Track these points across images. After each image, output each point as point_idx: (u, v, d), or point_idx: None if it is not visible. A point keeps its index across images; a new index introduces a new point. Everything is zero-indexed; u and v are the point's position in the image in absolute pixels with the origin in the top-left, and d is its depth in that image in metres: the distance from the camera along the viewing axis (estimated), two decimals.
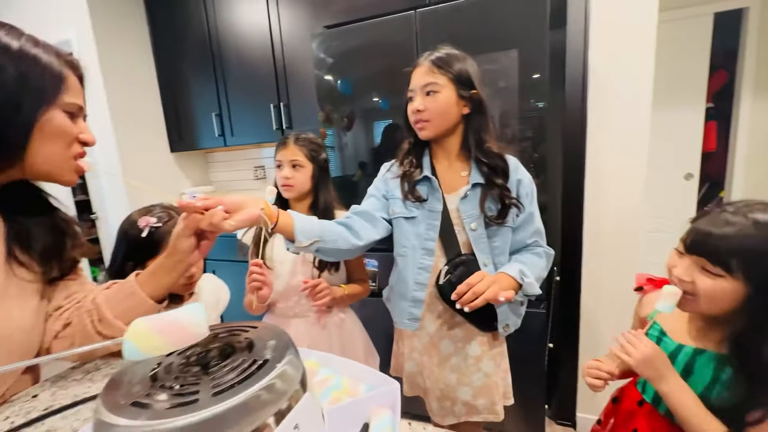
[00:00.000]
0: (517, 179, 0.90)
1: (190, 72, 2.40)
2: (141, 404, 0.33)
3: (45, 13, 2.31)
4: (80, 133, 0.61)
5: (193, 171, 2.79)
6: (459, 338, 0.95)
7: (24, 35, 0.57)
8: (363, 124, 1.67)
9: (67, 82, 0.58)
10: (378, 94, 1.59)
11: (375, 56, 1.53)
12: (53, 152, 0.58)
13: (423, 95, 0.86)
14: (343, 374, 0.53)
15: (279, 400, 0.35)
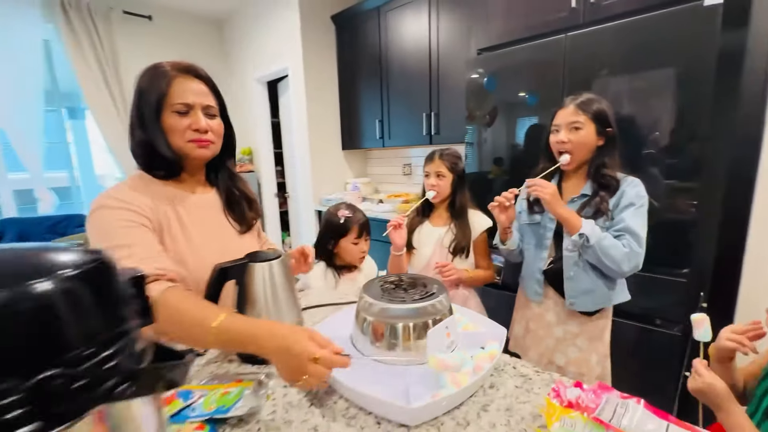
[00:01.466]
0: (621, 191, 1.06)
1: (362, 85, 2.99)
2: (383, 297, 0.68)
3: (272, 48, 3.23)
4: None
5: (355, 165, 3.45)
6: (562, 315, 1.16)
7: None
8: (505, 120, 1.82)
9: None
10: (524, 88, 1.70)
11: (523, 76, 1.70)
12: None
13: (567, 130, 1.08)
14: (469, 319, 0.81)
15: (437, 313, 0.66)
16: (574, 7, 1.53)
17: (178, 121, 0.76)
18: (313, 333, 0.57)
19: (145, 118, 0.76)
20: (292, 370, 0.54)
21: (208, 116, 0.80)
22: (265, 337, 0.56)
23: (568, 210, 1.06)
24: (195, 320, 0.58)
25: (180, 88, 0.77)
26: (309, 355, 0.53)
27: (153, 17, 3.23)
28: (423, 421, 0.54)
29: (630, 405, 0.46)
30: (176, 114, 0.76)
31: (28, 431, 0.17)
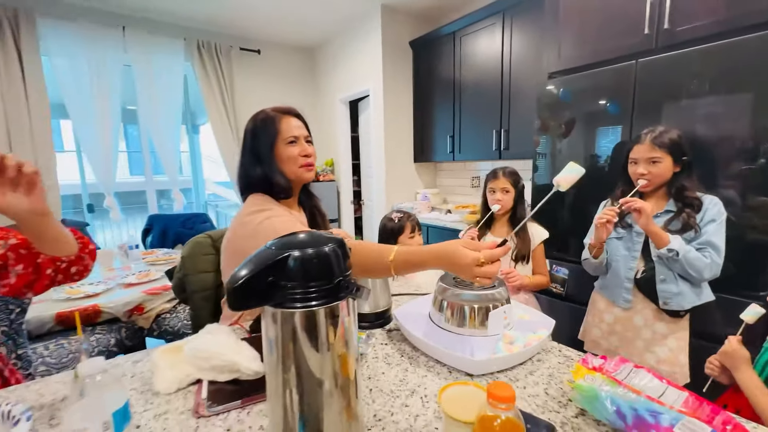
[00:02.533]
0: (704, 209, 1.21)
1: (435, 103, 3.23)
2: (452, 284, 0.91)
3: (355, 72, 3.64)
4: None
5: (425, 177, 3.69)
6: (650, 318, 1.29)
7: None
8: (584, 127, 1.86)
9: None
10: (605, 95, 1.74)
11: (591, 100, 1.78)
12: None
13: (646, 163, 1.24)
14: (525, 311, 0.99)
15: (497, 301, 0.86)
16: (647, 33, 1.60)
17: (290, 150, 1.00)
18: (465, 242, 0.67)
19: (261, 154, 1.00)
20: (465, 275, 0.66)
21: (308, 144, 1.05)
22: (431, 261, 0.69)
23: (657, 226, 1.20)
24: (375, 258, 0.73)
25: (287, 125, 1.01)
26: (473, 262, 0.63)
27: (261, 51, 3.85)
28: (482, 372, 0.75)
29: (641, 371, 0.62)
30: (289, 145, 1.00)
31: (321, 303, 0.44)
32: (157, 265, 2.23)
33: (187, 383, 0.72)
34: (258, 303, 0.42)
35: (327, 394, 0.46)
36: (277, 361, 0.46)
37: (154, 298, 1.80)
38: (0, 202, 0.64)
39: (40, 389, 0.73)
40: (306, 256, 0.43)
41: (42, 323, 1.54)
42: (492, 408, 0.45)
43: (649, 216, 1.18)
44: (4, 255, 0.76)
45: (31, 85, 2.77)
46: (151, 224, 3.06)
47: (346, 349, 0.48)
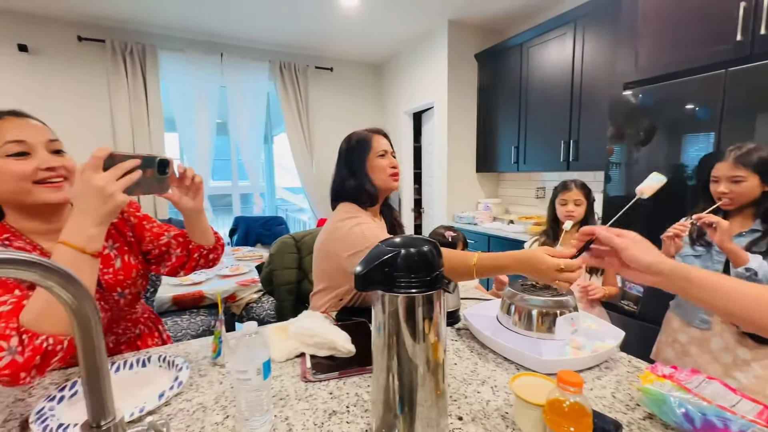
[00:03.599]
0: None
1: (500, 114, 3.24)
2: (525, 290, 0.98)
3: (420, 85, 3.78)
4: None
5: (487, 186, 3.69)
6: (731, 342, 1.22)
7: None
8: (666, 136, 1.78)
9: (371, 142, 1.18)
10: (693, 100, 1.64)
11: (674, 108, 1.71)
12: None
13: (728, 182, 1.20)
14: (594, 321, 1.02)
15: (564, 307, 0.92)
16: (739, 40, 1.51)
17: (381, 162, 1.19)
18: (545, 248, 0.77)
19: (356, 167, 1.18)
20: (546, 279, 0.77)
21: (393, 158, 1.24)
22: (513, 265, 0.81)
23: (734, 244, 1.16)
24: (459, 261, 0.88)
25: (377, 142, 1.20)
26: (554, 267, 0.73)
27: (333, 68, 4.17)
28: (549, 371, 0.81)
29: (713, 383, 0.64)
30: (379, 157, 1.19)
31: (418, 291, 0.56)
32: (244, 260, 2.55)
33: (294, 355, 0.89)
34: (375, 287, 0.55)
35: (421, 372, 0.58)
36: (383, 341, 0.58)
37: (245, 289, 2.08)
38: (178, 201, 0.88)
39: (186, 349, 0.95)
40: (410, 253, 0.55)
41: (162, 303, 1.88)
42: (561, 392, 0.53)
43: (725, 232, 1.13)
44: (168, 242, 1.00)
45: (151, 105, 3.34)
46: (237, 225, 3.47)
47: (437, 335, 0.59)
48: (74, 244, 0.67)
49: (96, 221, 0.68)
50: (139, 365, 0.84)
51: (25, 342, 0.64)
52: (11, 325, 0.64)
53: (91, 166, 0.67)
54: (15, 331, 0.64)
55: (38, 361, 0.65)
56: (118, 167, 0.70)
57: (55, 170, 0.77)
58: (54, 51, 3.12)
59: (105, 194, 0.67)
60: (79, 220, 0.68)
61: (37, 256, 0.39)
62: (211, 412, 0.68)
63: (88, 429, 0.48)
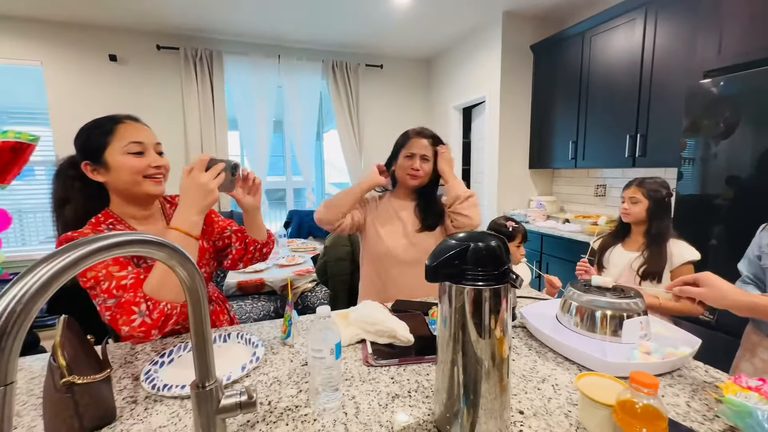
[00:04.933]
0: None
1: (557, 108, 3.09)
2: (583, 290, 0.95)
3: (471, 80, 3.71)
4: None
5: (540, 183, 3.55)
6: None
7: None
8: (752, 129, 1.60)
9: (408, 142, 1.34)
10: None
11: (760, 103, 1.53)
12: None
13: None
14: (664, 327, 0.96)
15: (631, 311, 0.88)
16: None
17: (405, 162, 1.35)
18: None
19: (391, 158, 1.41)
20: None
21: (423, 160, 1.34)
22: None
23: None
24: None
25: (413, 143, 1.34)
26: None
27: (383, 65, 4.22)
28: (616, 374, 0.79)
29: None
30: (406, 158, 1.34)
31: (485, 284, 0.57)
32: (298, 251, 2.69)
33: (356, 341, 0.95)
34: (443, 279, 0.58)
35: (486, 366, 0.60)
36: (449, 334, 0.61)
37: (301, 278, 2.21)
38: (242, 198, 1.03)
39: (259, 329, 1.05)
40: (478, 247, 0.57)
41: (229, 288, 2.05)
42: (634, 392, 0.53)
43: None
44: (230, 236, 1.11)
45: (217, 106, 3.62)
46: (291, 218, 3.67)
47: (503, 331, 0.61)
48: (184, 229, 0.84)
49: (199, 210, 0.85)
50: (221, 340, 0.94)
51: (150, 307, 0.82)
52: (139, 294, 0.82)
53: (198, 167, 0.86)
54: (143, 299, 0.81)
55: (162, 322, 0.82)
56: (214, 169, 0.87)
57: (159, 168, 0.94)
58: (137, 59, 3.49)
59: (207, 189, 0.85)
60: (186, 209, 0.85)
61: (166, 240, 0.47)
62: (285, 386, 0.76)
63: (195, 388, 0.56)
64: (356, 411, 0.68)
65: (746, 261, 1.29)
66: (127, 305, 0.80)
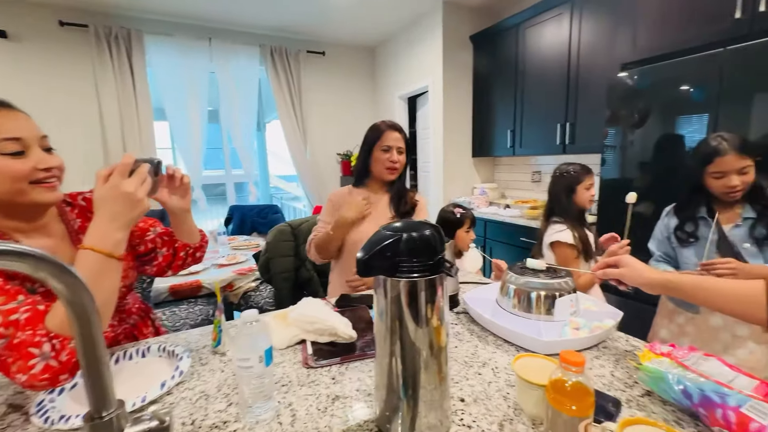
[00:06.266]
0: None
1: (496, 97, 3.21)
2: (520, 273, 0.98)
3: (415, 69, 3.72)
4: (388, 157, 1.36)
5: (483, 171, 3.68)
6: (729, 319, 1.19)
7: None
8: (661, 118, 1.75)
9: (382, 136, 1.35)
10: (686, 84, 1.63)
11: (671, 89, 1.70)
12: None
13: (738, 174, 1.16)
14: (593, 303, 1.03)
15: (563, 290, 0.92)
16: (737, 18, 1.49)
17: (382, 155, 1.36)
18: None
19: (364, 152, 1.39)
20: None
21: (399, 153, 1.36)
22: None
23: (752, 268, 1.14)
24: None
25: (387, 136, 1.35)
26: None
27: (326, 52, 4.08)
28: (549, 352, 0.82)
29: (711, 359, 0.66)
30: (383, 151, 1.36)
31: (420, 275, 0.55)
32: (240, 249, 2.53)
33: (295, 342, 0.89)
34: (377, 273, 0.55)
35: (424, 356, 0.58)
36: (386, 327, 0.58)
37: (242, 278, 2.07)
38: (167, 201, 0.89)
39: (187, 338, 0.95)
40: (412, 237, 0.55)
41: (159, 293, 1.86)
42: (564, 371, 0.54)
43: (738, 271, 1.12)
44: (154, 239, 0.98)
45: (139, 93, 3.25)
46: (232, 214, 3.44)
47: (439, 320, 0.59)
48: (102, 249, 0.67)
49: (123, 225, 0.70)
50: (139, 355, 0.83)
51: (57, 346, 0.63)
52: (39, 332, 0.63)
53: (120, 172, 0.70)
54: (45, 336, 0.63)
55: (74, 363, 0.64)
56: (138, 173, 0.72)
57: (50, 170, 0.74)
58: (35, 37, 3.01)
59: (135, 199, 0.70)
60: (106, 224, 0.69)
61: (29, 247, 0.38)
62: (213, 400, 0.68)
63: (89, 420, 0.47)
64: (292, 419, 0.63)
65: (656, 241, 1.43)
66: (22, 347, 0.61)
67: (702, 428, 0.60)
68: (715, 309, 0.73)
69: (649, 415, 0.63)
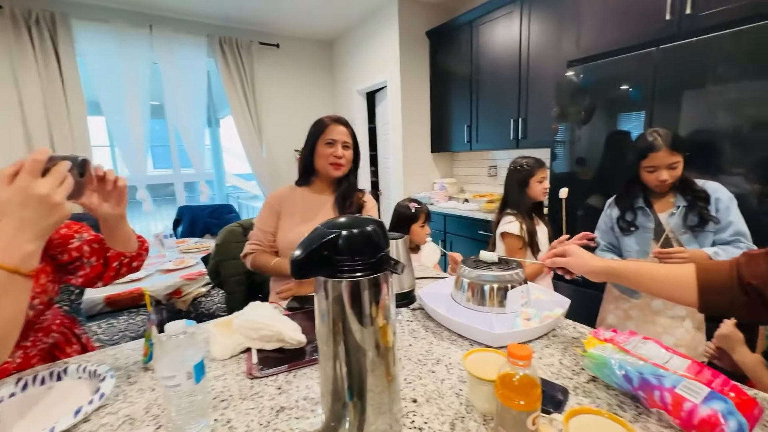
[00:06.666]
0: (714, 198, 1.23)
1: (452, 93, 3.25)
2: (473, 267, 0.98)
3: (372, 64, 3.68)
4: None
5: (442, 166, 3.73)
6: (669, 302, 1.26)
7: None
8: (605, 114, 1.84)
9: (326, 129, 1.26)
10: (625, 82, 1.73)
11: (612, 87, 1.79)
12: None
13: (668, 170, 1.23)
14: (543, 292, 1.05)
15: (514, 282, 0.93)
16: (668, 19, 1.59)
17: (326, 150, 1.27)
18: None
19: (307, 148, 1.29)
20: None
21: (344, 148, 1.28)
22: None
23: (692, 252, 1.20)
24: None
25: (332, 130, 1.27)
26: None
27: (280, 45, 3.93)
28: (501, 344, 0.82)
29: (648, 342, 0.68)
30: (326, 145, 1.26)
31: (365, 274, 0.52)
32: (190, 252, 2.37)
33: (239, 351, 0.82)
34: (315, 273, 0.50)
35: (370, 357, 0.55)
36: (328, 329, 0.54)
37: (191, 283, 1.94)
38: (97, 208, 0.77)
39: (116, 354, 0.85)
40: (352, 234, 0.51)
41: (94, 304, 1.69)
42: (511, 366, 0.53)
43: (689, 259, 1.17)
44: (80, 247, 0.87)
45: (68, 85, 2.94)
46: (181, 215, 3.23)
47: (386, 319, 0.56)
48: (5, 264, 0.56)
49: (36, 235, 0.59)
50: (53, 379, 0.73)
51: None
52: None
53: (29, 171, 0.57)
54: None
55: None
56: (55, 172, 0.60)
57: None
58: None
59: (50, 204, 0.58)
60: (12, 234, 0.57)
61: None
62: (140, 424, 0.61)
63: None
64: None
65: (600, 231, 1.51)
66: None
67: (642, 410, 0.61)
68: (653, 294, 0.76)
69: (594, 401, 0.64)
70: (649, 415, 0.60)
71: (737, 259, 0.65)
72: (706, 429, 0.53)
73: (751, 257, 0.63)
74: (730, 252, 1.18)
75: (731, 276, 0.63)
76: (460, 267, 0.99)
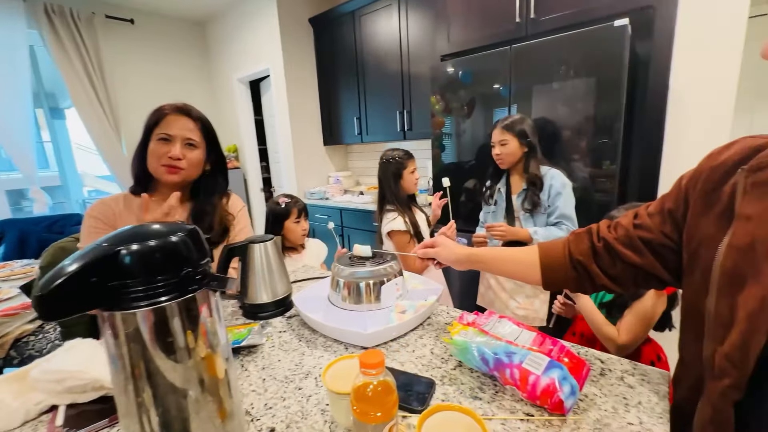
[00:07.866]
0: (549, 185, 1.41)
1: (340, 84, 3.18)
2: (348, 264, 0.92)
3: (253, 50, 3.38)
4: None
5: (336, 159, 3.66)
6: None
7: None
8: (483, 108, 1.94)
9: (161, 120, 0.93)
10: (490, 78, 1.87)
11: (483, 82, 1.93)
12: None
13: (499, 145, 1.45)
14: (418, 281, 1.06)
15: (389, 275, 0.90)
16: (518, 21, 1.78)
17: (158, 147, 0.93)
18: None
19: (140, 146, 0.96)
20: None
21: (189, 147, 0.96)
22: None
23: (514, 232, 1.42)
24: None
25: (168, 122, 0.94)
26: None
27: (135, 21, 3.32)
28: (376, 343, 0.79)
29: (503, 320, 0.72)
30: (160, 140, 0.93)
31: (172, 297, 0.40)
32: (12, 280, 1.84)
33: (38, 413, 0.62)
34: (84, 308, 0.37)
35: (193, 399, 0.44)
36: (125, 376, 0.41)
37: (11, 320, 1.49)
38: None
39: None
40: (134, 251, 0.38)
41: None
42: (364, 376, 0.48)
43: (506, 233, 1.42)
44: None
45: None
46: (3, 231, 2.49)
47: (210, 347, 0.45)
48: None
49: None
50: None
51: None
52: None
53: None
54: None
55: None
56: None
57: None
58: None
59: None
60: None
61: None
62: None
63: None
64: None
65: (482, 212, 1.66)
66: None
67: (500, 388, 0.63)
68: (507, 275, 0.80)
69: (459, 387, 0.64)
70: (504, 393, 0.62)
71: (568, 238, 0.71)
72: (546, 397, 0.56)
73: (577, 236, 0.69)
74: (551, 232, 1.40)
75: (564, 254, 0.69)
76: (334, 266, 0.93)
